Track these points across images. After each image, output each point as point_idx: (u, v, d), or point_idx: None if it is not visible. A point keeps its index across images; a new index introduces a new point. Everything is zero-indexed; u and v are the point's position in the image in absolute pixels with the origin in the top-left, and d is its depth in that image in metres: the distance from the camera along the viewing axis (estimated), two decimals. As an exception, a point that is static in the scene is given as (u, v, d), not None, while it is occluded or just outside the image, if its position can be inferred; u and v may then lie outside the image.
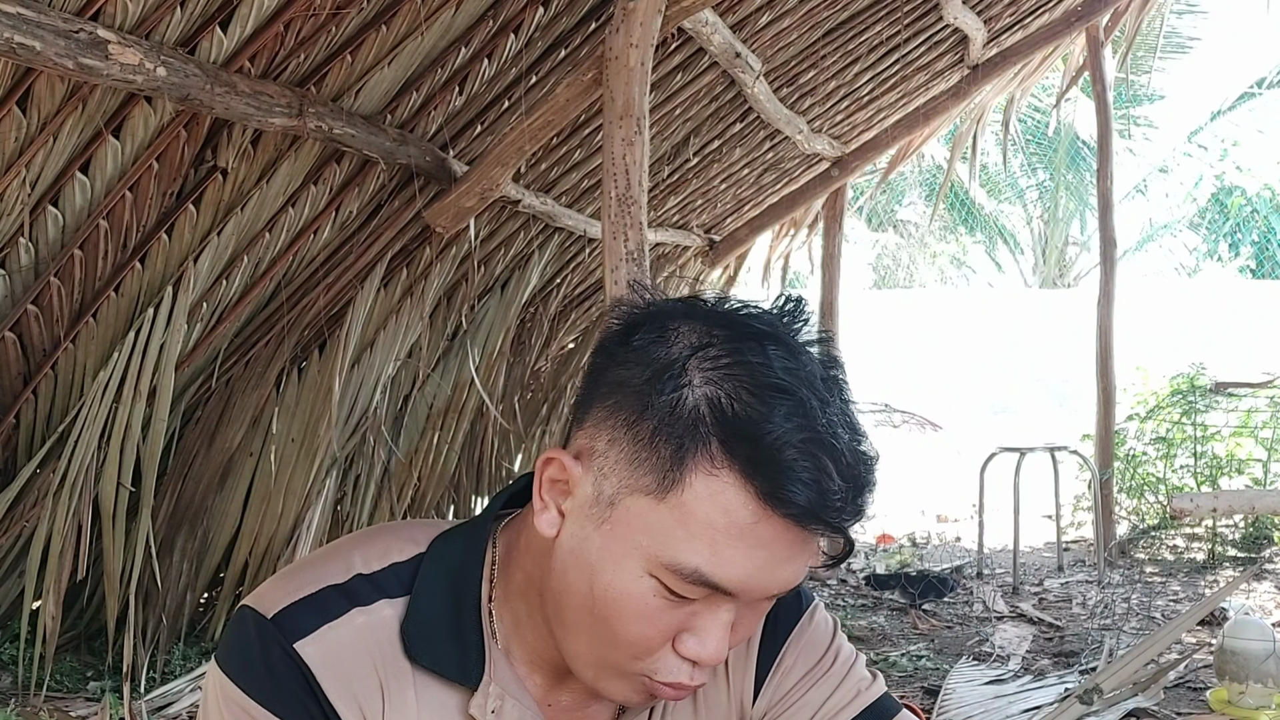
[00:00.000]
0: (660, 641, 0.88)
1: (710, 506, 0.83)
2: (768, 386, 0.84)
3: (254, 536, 4.08)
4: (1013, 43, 6.28)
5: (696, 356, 0.85)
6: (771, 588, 0.87)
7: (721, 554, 0.84)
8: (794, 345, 0.87)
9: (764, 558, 0.84)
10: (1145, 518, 7.25)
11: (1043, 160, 19.41)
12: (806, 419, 0.83)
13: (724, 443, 0.83)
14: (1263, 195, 18.98)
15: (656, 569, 0.85)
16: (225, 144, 3.12)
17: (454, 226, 3.95)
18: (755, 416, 0.83)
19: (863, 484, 0.86)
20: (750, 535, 0.83)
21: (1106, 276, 7.19)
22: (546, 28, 3.64)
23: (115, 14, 2.51)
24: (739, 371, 0.84)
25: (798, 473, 0.82)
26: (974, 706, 3.99)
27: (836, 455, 0.83)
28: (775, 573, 0.86)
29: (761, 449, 0.82)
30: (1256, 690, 3.68)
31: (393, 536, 0.98)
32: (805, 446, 0.82)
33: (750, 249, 7.52)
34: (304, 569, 0.95)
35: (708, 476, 0.83)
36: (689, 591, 0.85)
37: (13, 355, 3.25)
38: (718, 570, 0.84)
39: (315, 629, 0.90)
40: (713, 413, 0.83)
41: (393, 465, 4.56)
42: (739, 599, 0.87)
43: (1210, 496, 4.19)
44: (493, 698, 0.93)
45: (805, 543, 0.86)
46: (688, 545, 0.84)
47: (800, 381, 0.84)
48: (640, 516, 0.85)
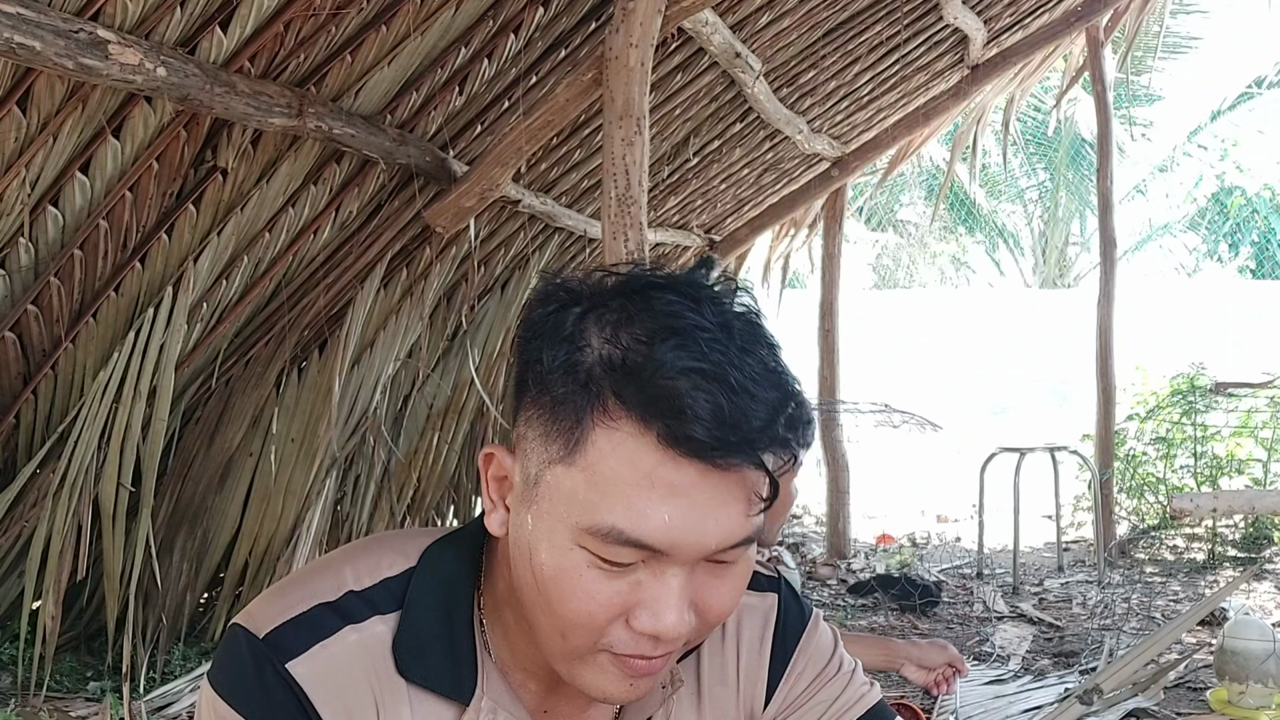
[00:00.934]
0: (606, 617, 0.84)
1: (615, 460, 0.81)
2: (656, 330, 0.81)
3: (254, 536, 4.08)
4: (1013, 43, 6.28)
5: (590, 317, 0.84)
6: (707, 541, 0.82)
7: (636, 507, 0.80)
8: (691, 293, 0.84)
9: (684, 506, 0.81)
10: (1145, 518, 7.26)
11: (1043, 160, 19.41)
12: (697, 355, 0.80)
13: (617, 393, 0.80)
14: (1263, 195, 18.98)
15: (582, 537, 0.82)
16: (225, 144, 3.12)
17: (454, 226, 3.95)
18: (643, 360, 0.80)
19: (773, 414, 0.81)
20: (661, 483, 0.80)
21: (1106, 276, 7.19)
22: (546, 28, 3.64)
23: (115, 14, 2.51)
24: (632, 323, 0.82)
25: (693, 408, 0.78)
26: (974, 706, 3.99)
27: (734, 387, 0.79)
28: (703, 524, 0.81)
29: (653, 390, 0.79)
30: (1256, 690, 3.68)
31: (383, 550, 0.97)
32: (696, 380, 0.79)
33: (750, 249, 7.52)
34: (295, 586, 0.94)
35: (607, 430, 0.81)
36: (617, 555, 0.82)
37: (13, 355, 3.25)
38: (636, 526, 0.81)
39: (307, 648, 0.89)
40: (604, 365, 0.82)
41: (393, 465, 4.56)
42: (677, 560, 0.83)
43: (1210, 496, 4.19)
44: (485, 712, 0.92)
45: (730, 487, 0.81)
46: (602, 504, 0.81)
47: (692, 323, 0.81)
48: (557, 487, 0.83)
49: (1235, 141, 18.88)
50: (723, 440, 0.79)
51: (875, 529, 7.91)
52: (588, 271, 0.90)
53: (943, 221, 20.35)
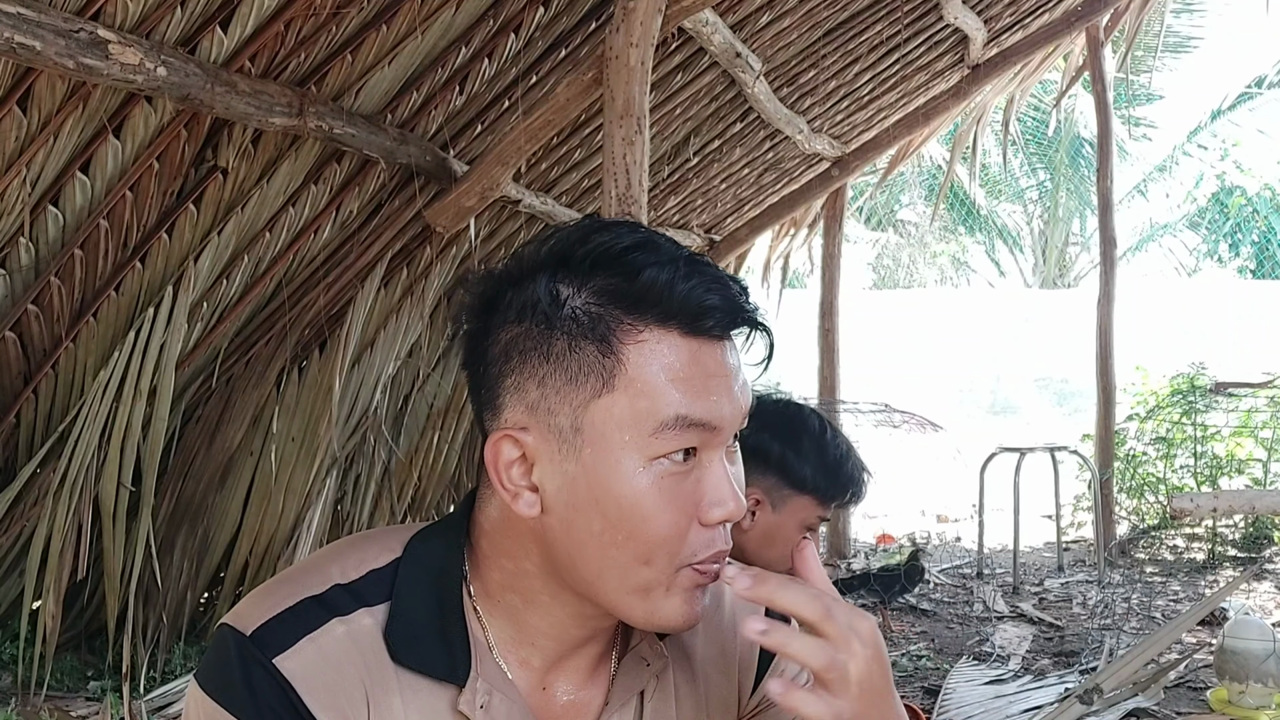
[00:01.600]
0: (688, 521, 0.90)
1: (655, 365, 0.88)
2: (623, 252, 0.90)
3: (254, 536, 4.08)
4: (1013, 43, 6.28)
5: (557, 274, 0.91)
6: (739, 412, 0.92)
7: (690, 392, 0.88)
8: (641, 228, 0.94)
9: (721, 382, 0.90)
10: (1145, 518, 7.26)
11: (1043, 160, 19.41)
12: (670, 254, 0.89)
13: (628, 311, 0.88)
14: (1263, 195, 18.98)
15: (649, 447, 0.88)
16: (225, 144, 3.12)
17: (454, 226, 3.95)
18: (635, 277, 0.88)
19: (742, 289, 0.92)
20: (698, 368, 0.89)
21: (1106, 276, 7.19)
22: (546, 28, 3.64)
23: (115, 14, 2.51)
24: (596, 261, 0.90)
25: (699, 294, 0.88)
26: (974, 706, 3.99)
27: (709, 271, 0.90)
28: (734, 394, 0.91)
29: (659, 297, 0.88)
30: (1256, 690, 3.68)
31: (368, 544, 0.98)
32: (687, 272, 0.89)
33: (750, 249, 7.52)
34: (281, 583, 0.95)
35: (636, 345, 0.88)
36: (688, 439, 0.89)
37: (13, 355, 3.25)
38: (695, 405, 0.88)
39: (294, 643, 0.90)
40: (601, 299, 0.89)
41: (393, 465, 4.56)
42: (720, 439, 0.91)
43: (1210, 496, 4.18)
44: (481, 693, 0.93)
45: (737, 356, 0.93)
46: (661, 402, 0.88)
47: (652, 239, 0.91)
48: (607, 417, 0.88)
49: (1235, 141, 18.89)
50: (733, 307, 0.90)
51: (875, 529, 7.91)
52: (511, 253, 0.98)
53: (943, 221, 20.35)
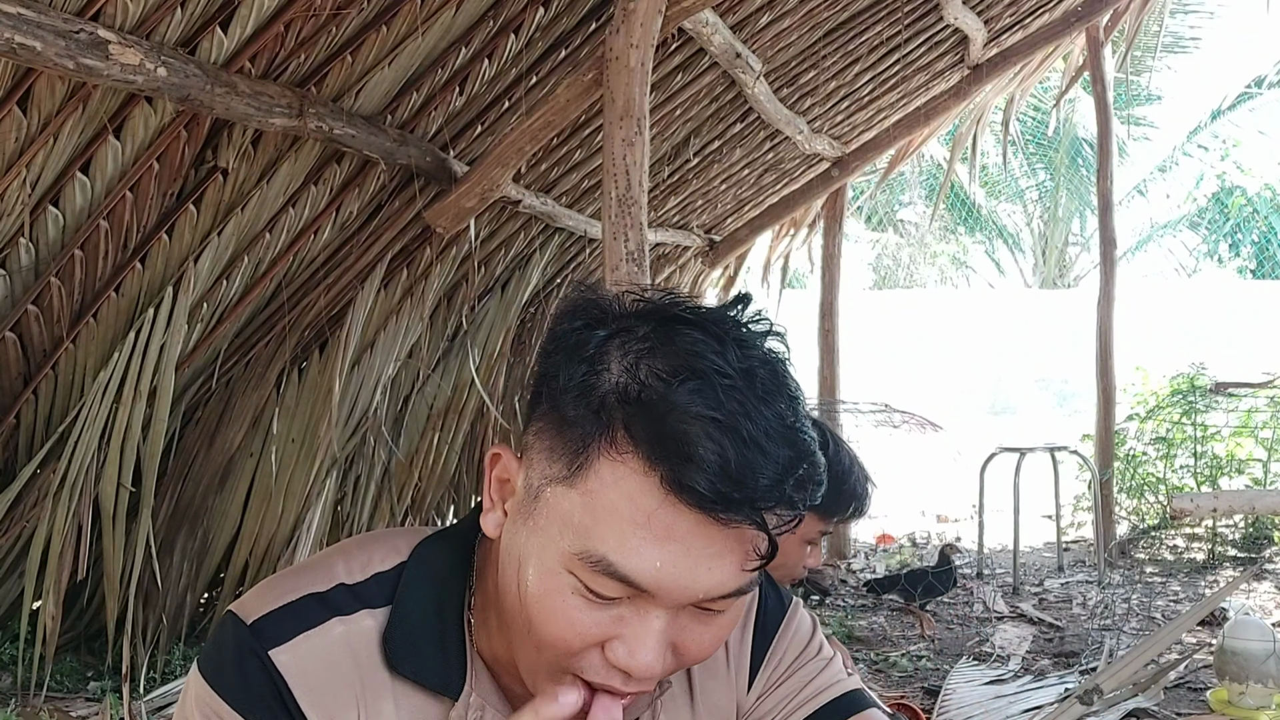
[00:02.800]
0: (582, 645, 0.84)
1: (615, 493, 0.80)
2: (676, 369, 0.80)
3: (254, 537, 4.08)
4: (1013, 43, 6.28)
5: (614, 341, 0.83)
6: (695, 588, 0.81)
7: (628, 544, 0.79)
8: (719, 334, 0.82)
9: (677, 552, 0.79)
10: (1145, 518, 7.26)
11: (1043, 160, 19.41)
12: (713, 402, 0.78)
13: (627, 426, 0.79)
14: (1263, 195, 18.98)
15: (571, 562, 0.82)
16: (225, 144, 3.12)
17: (454, 227, 3.95)
18: (658, 399, 0.79)
19: (782, 473, 0.79)
20: (658, 525, 0.79)
21: (1106, 276, 7.19)
22: (546, 28, 3.64)
23: (115, 14, 2.51)
24: (654, 357, 0.81)
25: (701, 458, 0.77)
26: (974, 706, 3.99)
27: (745, 441, 0.78)
28: (695, 571, 0.80)
29: (663, 430, 0.78)
30: (1256, 690, 3.68)
31: (376, 545, 0.97)
32: (708, 428, 0.77)
33: (750, 249, 7.52)
34: (289, 576, 0.95)
35: (613, 462, 0.80)
36: (603, 587, 0.81)
37: (13, 355, 3.25)
38: (626, 561, 0.80)
39: (291, 637, 0.90)
40: (620, 395, 0.81)
41: (393, 465, 4.56)
42: (661, 602, 0.82)
43: (1210, 496, 4.18)
44: (473, 708, 0.93)
45: (728, 540, 0.80)
46: (595, 533, 0.80)
47: (714, 366, 0.80)
48: (556, 506, 0.83)
49: (1235, 141, 18.89)
50: (725, 495, 0.77)
51: (875, 529, 7.91)
52: (620, 291, 0.89)
53: (943, 221, 20.35)
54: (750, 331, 0.85)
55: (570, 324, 0.86)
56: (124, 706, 3.30)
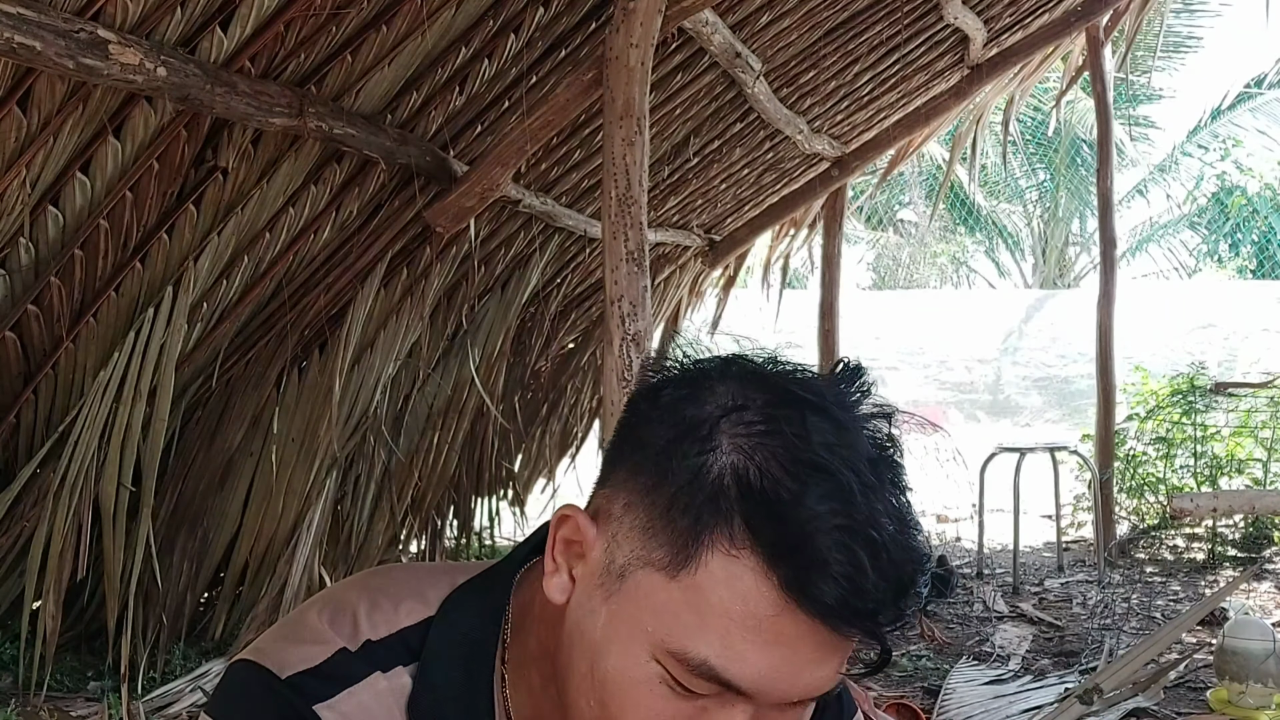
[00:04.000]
0: None
1: (727, 592, 0.74)
2: (805, 463, 0.74)
3: (254, 536, 4.08)
4: (1013, 43, 6.28)
5: (728, 419, 0.77)
6: (793, 692, 0.77)
7: (735, 647, 0.74)
8: (843, 419, 0.77)
9: (784, 656, 0.75)
10: (1145, 518, 7.25)
11: (1043, 160, 19.41)
12: (846, 504, 0.73)
13: (748, 521, 0.74)
14: (1263, 195, 18.98)
15: (663, 655, 0.76)
16: (225, 144, 3.12)
17: (454, 226, 3.95)
18: (786, 495, 0.73)
19: (905, 584, 0.75)
20: (769, 630, 0.74)
21: (1106, 276, 7.19)
22: (546, 28, 3.64)
23: (115, 14, 2.51)
24: (774, 442, 0.75)
25: (829, 566, 0.72)
26: (974, 706, 3.99)
27: (877, 549, 0.73)
28: (798, 675, 0.76)
29: (789, 533, 0.73)
30: (1256, 690, 3.68)
31: (403, 594, 0.91)
32: (840, 536, 0.72)
33: (750, 249, 7.52)
34: (308, 628, 0.89)
35: (726, 557, 0.74)
36: (697, 686, 0.76)
37: (13, 355, 3.25)
38: (730, 665, 0.75)
39: (336, 693, 0.86)
40: (738, 485, 0.74)
41: (393, 465, 4.56)
42: (755, 701, 0.77)
43: (1210, 496, 4.19)
44: None
45: (835, 644, 0.76)
46: (698, 633, 0.75)
47: (844, 461, 0.74)
48: (650, 594, 0.77)
49: (1235, 141, 18.89)
50: (852, 608, 0.73)
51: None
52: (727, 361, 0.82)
53: (943, 221, 20.35)
54: (866, 413, 0.79)
55: (676, 391, 0.80)
56: (124, 706, 3.30)
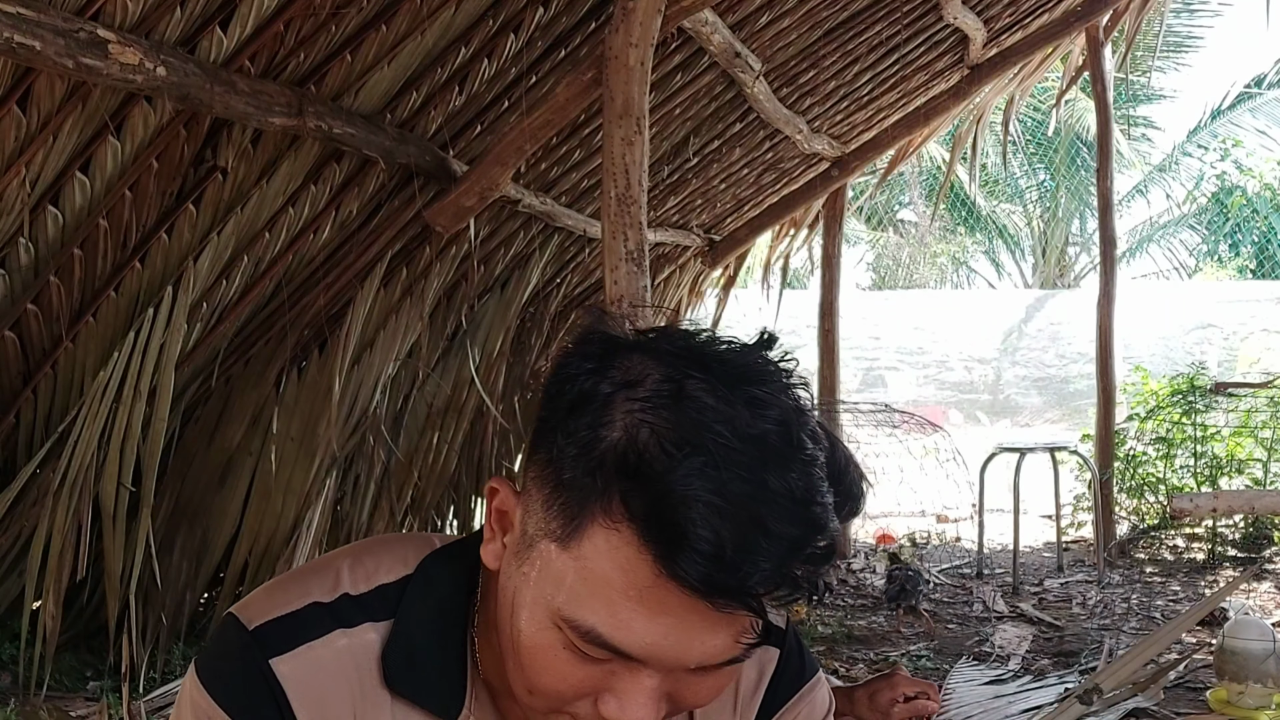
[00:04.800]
0: (574, 696, 0.82)
1: (609, 564, 0.76)
2: (688, 436, 0.74)
3: (254, 536, 4.08)
4: (1013, 43, 6.28)
5: (623, 393, 0.78)
6: (688, 659, 0.78)
7: (619, 616, 0.76)
8: (735, 397, 0.77)
9: (670, 625, 0.76)
10: (1145, 518, 7.26)
11: (1043, 160, 19.41)
12: (717, 480, 0.73)
13: (624, 496, 0.75)
14: (1263, 195, 18.97)
15: (560, 623, 0.79)
16: (225, 143, 3.12)
17: (454, 226, 3.95)
18: (662, 470, 0.74)
19: (790, 553, 0.74)
20: (652, 600, 0.75)
21: (1106, 276, 7.19)
22: (546, 28, 3.63)
23: (115, 13, 2.51)
24: (657, 417, 0.76)
25: (693, 542, 0.72)
26: (974, 706, 3.99)
27: (752, 521, 0.73)
28: (689, 644, 0.77)
29: (659, 509, 0.73)
30: (1256, 690, 3.68)
31: (384, 554, 0.95)
32: (705, 512, 0.72)
33: (750, 249, 7.52)
34: (293, 582, 0.93)
35: (607, 530, 0.76)
36: (593, 652, 0.79)
37: (13, 355, 3.25)
38: (617, 634, 0.77)
39: (294, 647, 0.88)
40: (620, 460, 0.75)
41: (393, 465, 4.55)
42: (654, 667, 0.79)
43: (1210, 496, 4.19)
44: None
45: (724, 617, 0.76)
46: (588, 602, 0.77)
47: (734, 434, 0.74)
48: (548, 564, 0.80)
49: (1235, 141, 18.89)
50: (720, 584, 0.73)
51: (875, 529, 7.90)
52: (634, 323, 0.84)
53: (943, 221, 20.35)
54: (769, 385, 0.79)
55: (579, 365, 0.81)
56: (124, 706, 3.30)
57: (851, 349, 13.67)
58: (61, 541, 3.41)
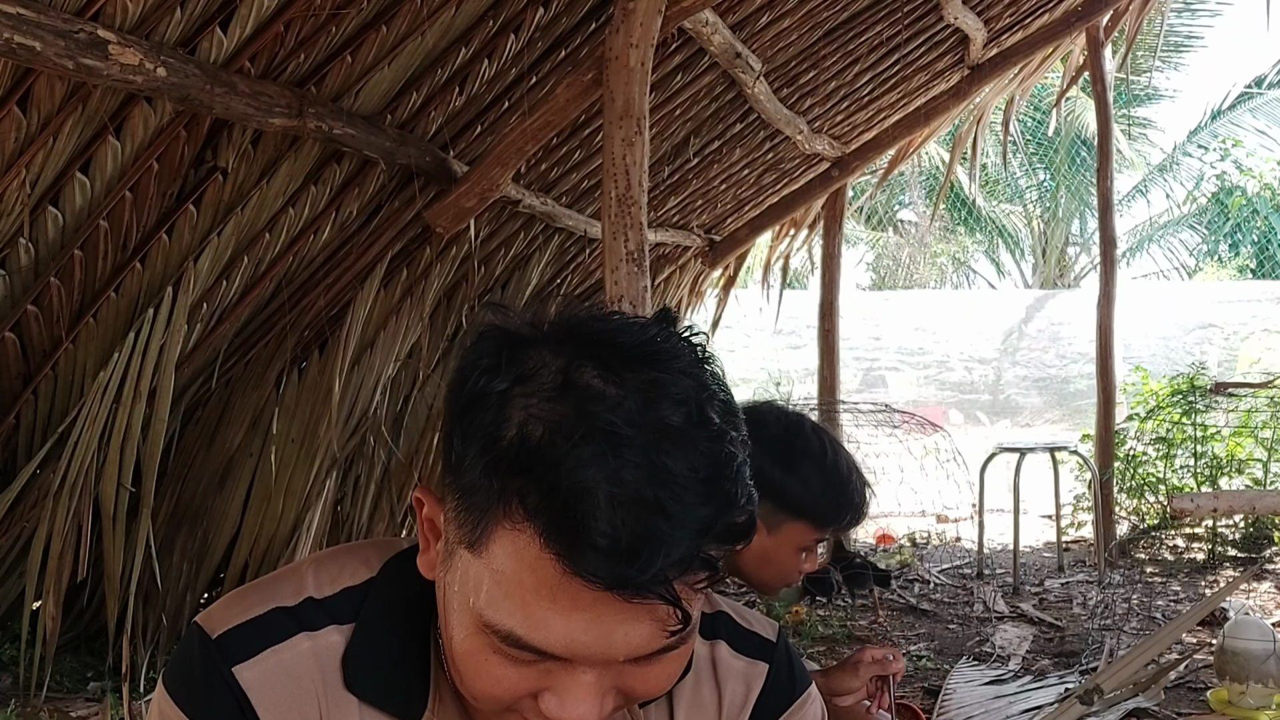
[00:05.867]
0: (511, 698, 0.81)
1: (516, 565, 0.74)
2: (579, 427, 0.72)
3: (254, 537, 4.08)
4: (1013, 43, 6.28)
5: (518, 389, 0.76)
6: (613, 653, 0.76)
7: (535, 617, 0.75)
8: (625, 379, 0.75)
9: (588, 620, 0.74)
10: (1145, 518, 7.25)
11: (1043, 160, 19.41)
12: (617, 467, 0.71)
13: (521, 495, 0.73)
14: (1263, 195, 18.98)
15: (482, 628, 0.78)
16: (225, 144, 3.12)
17: (454, 227, 3.95)
18: (554, 463, 0.72)
19: (699, 534, 0.72)
20: (564, 597, 0.73)
21: (1106, 276, 7.19)
22: (546, 28, 3.64)
23: (115, 14, 2.50)
24: (554, 409, 0.74)
25: (592, 535, 0.70)
26: (974, 706, 3.99)
27: (653, 506, 0.71)
28: (610, 637, 0.75)
29: (557, 503, 0.71)
30: (1256, 690, 3.68)
31: (348, 558, 0.95)
32: (604, 502, 0.71)
33: (750, 249, 7.52)
34: (257, 589, 0.93)
35: (510, 532, 0.74)
36: (519, 655, 0.77)
37: (13, 355, 3.25)
38: (535, 634, 0.75)
39: (257, 653, 0.88)
40: (514, 459, 0.74)
41: (393, 465, 4.55)
42: (578, 663, 0.77)
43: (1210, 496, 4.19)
44: None
45: (640, 608, 0.74)
46: (503, 605, 0.76)
47: (627, 420, 0.72)
48: (465, 571, 0.79)
49: (1235, 141, 18.89)
50: (625, 577, 0.71)
51: (875, 529, 7.90)
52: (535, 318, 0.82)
53: (943, 221, 20.35)
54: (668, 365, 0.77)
55: (474, 364, 0.79)
56: (124, 706, 3.30)
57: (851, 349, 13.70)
58: (61, 542, 3.41)
